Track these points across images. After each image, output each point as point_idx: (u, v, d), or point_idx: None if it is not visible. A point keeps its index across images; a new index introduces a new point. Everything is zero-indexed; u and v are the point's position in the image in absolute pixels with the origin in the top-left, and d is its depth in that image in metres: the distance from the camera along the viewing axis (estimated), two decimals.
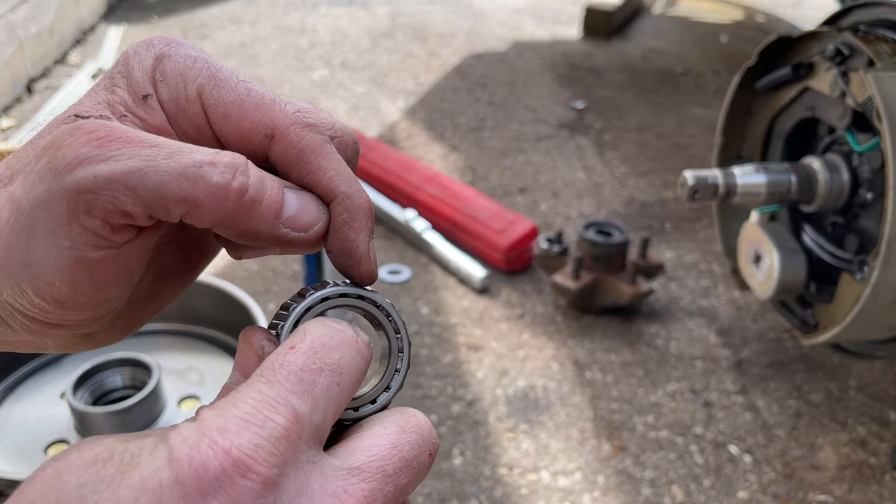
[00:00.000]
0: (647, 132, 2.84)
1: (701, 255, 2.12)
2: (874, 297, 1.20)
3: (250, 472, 0.24)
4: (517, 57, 3.51)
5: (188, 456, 0.24)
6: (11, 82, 2.80)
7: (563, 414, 1.59)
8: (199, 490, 0.23)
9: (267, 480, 0.24)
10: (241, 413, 0.25)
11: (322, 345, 0.28)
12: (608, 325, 1.85)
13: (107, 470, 0.23)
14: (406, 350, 0.34)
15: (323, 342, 0.28)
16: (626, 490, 1.43)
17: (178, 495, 0.23)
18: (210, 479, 0.24)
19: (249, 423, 0.25)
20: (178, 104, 0.32)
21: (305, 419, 0.26)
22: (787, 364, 1.75)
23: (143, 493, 0.23)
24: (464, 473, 1.45)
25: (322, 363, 0.28)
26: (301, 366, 0.27)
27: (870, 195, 1.33)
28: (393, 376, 0.34)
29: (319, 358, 0.28)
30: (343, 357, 0.28)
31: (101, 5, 3.71)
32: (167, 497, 0.23)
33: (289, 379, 0.27)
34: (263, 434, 0.25)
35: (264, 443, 0.25)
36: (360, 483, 0.27)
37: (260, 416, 0.25)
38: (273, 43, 3.54)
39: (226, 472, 0.24)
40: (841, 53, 1.30)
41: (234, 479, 0.24)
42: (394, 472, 0.28)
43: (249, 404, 0.26)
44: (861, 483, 1.47)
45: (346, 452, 0.28)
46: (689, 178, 1.37)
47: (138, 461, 0.24)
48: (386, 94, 3.08)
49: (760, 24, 4.11)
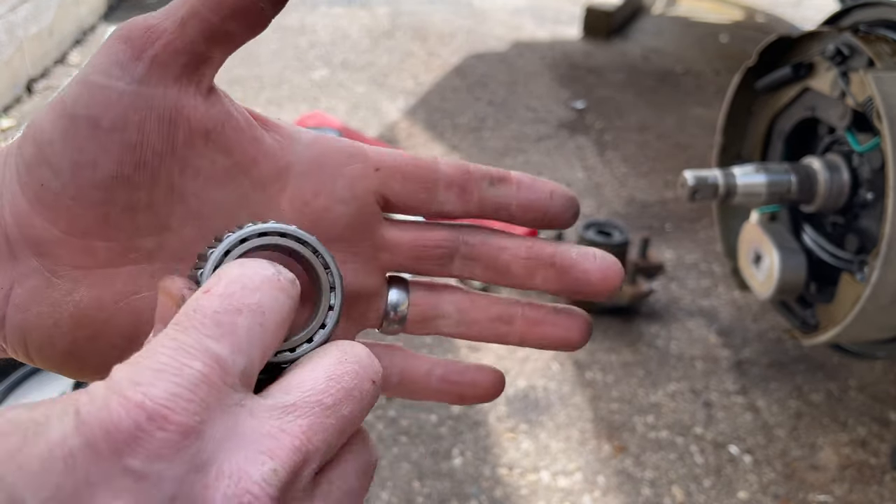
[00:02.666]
0: (648, 132, 2.84)
1: (701, 256, 2.12)
2: (874, 297, 1.20)
3: (167, 423, 0.22)
4: (517, 57, 3.51)
5: (97, 417, 0.22)
6: (11, 82, 2.80)
7: (563, 414, 1.59)
8: (113, 451, 0.21)
9: (186, 429, 0.22)
10: (155, 363, 0.23)
11: (240, 286, 0.26)
12: (608, 326, 1.84)
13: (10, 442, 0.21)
14: (338, 285, 0.32)
15: (241, 283, 0.26)
16: (627, 490, 1.43)
17: (90, 460, 0.21)
18: (124, 438, 0.21)
19: (164, 373, 0.23)
20: None
21: (227, 363, 0.24)
22: (787, 364, 1.75)
23: (52, 463, 0.21)
24: (464, 473, 1.45)
25: (240, 304, 0.25)
26: (217, 308, 0.25)
27: (870, 195, 1.33)
28: (327, 313, 0.32)
29: (237, 299, 0.25)
30: (264, 296, 0.26)
31: (101, 5, 3.71)
32: (79, 464, 0.21)
33: (204, 323, 0.24)
34: (180, 382, 0.23)
35: (181, 391, 0.23)
36: (297, 419, 0.25)
37: (175, 363, 0.23)
38: (273, 43, 3.54)
39: (140, 426, 0.22)
40: (841, 53, 1.30)
41: (151, 433, 0.22)
42: (333, 403, 0.26)
43: (163, 353, 0.23)
44: (861, 483, 1.47)
45: (280, 391, 0.26)
46: (689, 178, 1.37)
47: (45, 429, 0.22)
48: (386, 93, 3.08)
49: (760, 24, 4.11)
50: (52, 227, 0.30)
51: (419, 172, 0.35)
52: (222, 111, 0.31)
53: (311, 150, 0.34)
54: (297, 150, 0.33)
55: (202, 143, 0.31)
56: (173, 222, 0.31)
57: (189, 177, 0.31)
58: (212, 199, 0.32)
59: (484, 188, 0.35)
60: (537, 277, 0.36)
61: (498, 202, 0.35)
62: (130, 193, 0.30)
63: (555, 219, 0.36)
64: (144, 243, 0.31)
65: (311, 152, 0.34)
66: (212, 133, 0.31)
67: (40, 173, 0.29)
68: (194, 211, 0.32)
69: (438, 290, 0.37)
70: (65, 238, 0.30)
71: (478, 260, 0.36)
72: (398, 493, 1.41)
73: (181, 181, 0.31)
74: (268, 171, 0.33)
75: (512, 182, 0.35)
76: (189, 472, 0.22)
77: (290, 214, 0.33)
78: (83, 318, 0.31)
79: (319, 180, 0.33)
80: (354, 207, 0.34)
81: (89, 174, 0.29)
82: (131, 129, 0.29)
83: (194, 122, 0.30)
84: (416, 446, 1.51)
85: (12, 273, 0.31)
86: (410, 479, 1.44)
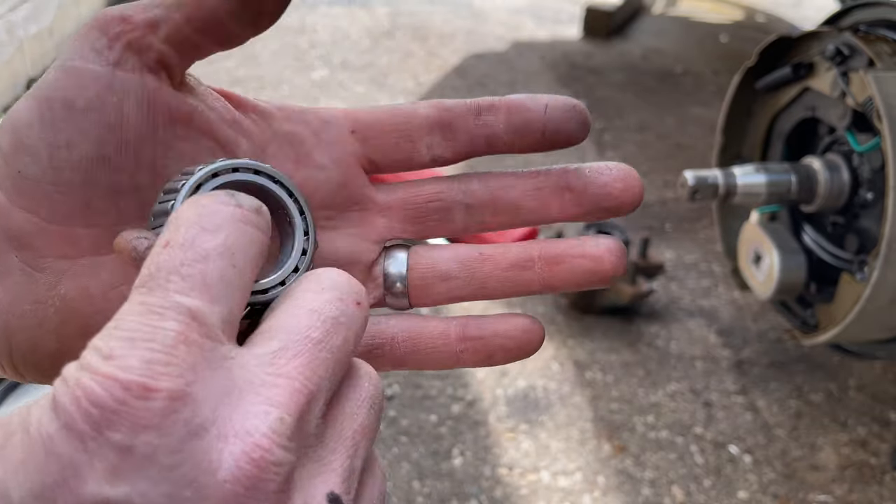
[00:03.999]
0: (647, 132, 2.84)
1: (701, 256, 2.12)
2: (874, 297, 1.20)
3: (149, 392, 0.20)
4: (517, 57, 3.51)
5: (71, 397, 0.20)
6: (11, 82, 2.80)
7: (563, 414, 1.59)
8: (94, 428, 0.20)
9: (173, 394, 0.21)
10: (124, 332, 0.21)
11: (200, 229, 0.23)
12: (608, 326, 1.84)
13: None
14: (311, 229, 0.30)
15: (201, 226, 0.23)
16: (627, 490, 1.43)
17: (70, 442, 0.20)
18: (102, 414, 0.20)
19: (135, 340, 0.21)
20: None
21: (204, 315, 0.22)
22: (787, 364, 1.75)
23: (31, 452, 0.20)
24: (464, 473, 1.45)
25: (205, 250, 0.23)
26: (181, 261, 0.23)
27: (870, 195, 1.33)
28: (300, 257, 0.30)
29: (200, 245, 0.23)
30: (230, 234, 0.24)
31: (101, 5, 3.71)
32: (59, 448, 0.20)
33: (170, 279, 0.22)
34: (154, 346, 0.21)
35: (158, 356, 0.21)
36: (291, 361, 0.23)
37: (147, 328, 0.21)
38: (273, 43, 3.54)
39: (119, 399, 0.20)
40: (841, 53, 1.30)
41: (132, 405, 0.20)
42: (322, 336, 0.24)
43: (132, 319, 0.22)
44: (861, 483, 1.47)
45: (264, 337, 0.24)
46: (689, 178, 1.37)
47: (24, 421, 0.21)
48: (386, 94, 3.08)
49: (760, 24, 4.11)
50: (33, 216, 0.29)
51: (396, 121, 0.33)
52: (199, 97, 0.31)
53: (288, 124, 0.33)
54: (274, 126, 0.33)
55: (183, 127, 0.30)
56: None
57: (172, 159, 0.30)
58: None
59: (470, 122, 0.33)
60: (553, 207, 0.33)
61: (488, 133, 0.32)
62: (112, 176, 0.29)
63: (557, 134, 0.32)
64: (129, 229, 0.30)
65: (288, 126, 0.33)
66: (192, 118, 0.30)
67: (17, 160, 0.29)
68: None
69: (442, 250, 0.34)
70: (46, 227, 0.29)
71: (483, 206, 0.33)
72: (398, 493, 1.41)
73: (164, 163, 0.30)
74: (248, 149, 0.32)
75: (500, 108, 0.32)
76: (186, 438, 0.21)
77: None
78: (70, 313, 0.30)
79: (299, 152, 0.33)
80: (337, 173, 0.33)
81: (66, 155, 0.28)
82: (108, 109, 0.28)
83: (174, 108, 0.30)
84: (416, 446, 1.51)
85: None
86: (410, 479, 1.44)
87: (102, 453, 0.20)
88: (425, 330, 0.33)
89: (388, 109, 0.33)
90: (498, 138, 0.33)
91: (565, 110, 0.32)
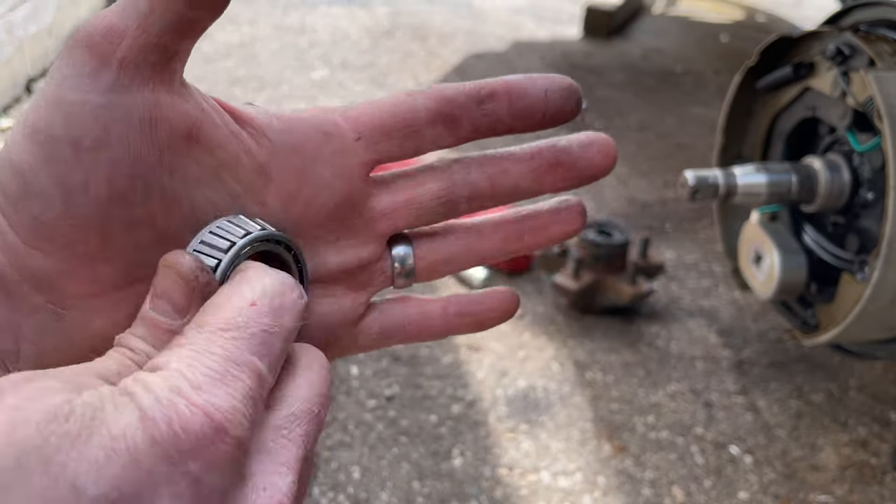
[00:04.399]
0: (648, 132, 2.84)
1: (701, 256, 2.12)
2: (875, 297, 1.20)
3: (227, 435, 0.23)
4: (517, 57, 3.51)
5: (164, 416, 0.22)
6: (11, 82, 2.80)
7: (563, 414, 1.59)
8: (178, 452, 0.22)
9: (240, 443, 0.23)
10: (209, 370, 0.23)
11: (279, 304, 0.27)
12: (608, 326, 1.84)
13: (70, 426, 0.21)
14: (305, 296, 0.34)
15: (280, 302, 0.27)
16: (627, 490, 1.43)
17: (157, 457, 0.21)
18: (190, 442, 0.22)
19: (220, 382, 0.23)
20: None
21: (266, 382, 0.25)
22: (787, 364, 1.75)
23: (116, 454, 0.21)
24: (464, 474, 1.45)
25: (281, 326, 0.26)
26: (264, 327, 0.26)
27: (870, 195, 1.33)
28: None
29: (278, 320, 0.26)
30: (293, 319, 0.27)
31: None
32: (144, 458, 0.21)
33: (254, 339, 0.25)
34: (235, 395, 0.23)
35: (239, 405, 0.23)
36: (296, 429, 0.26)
37: (228, 375, 0.24)
38: (272, 43, 3.53)
39: (206, 434, 0.22)
40: (841, 53, 1.30)
41: (213, 442, 0.22)
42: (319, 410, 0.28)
43: (215, 360, 0.24)
44: (862, 483, 1.46)
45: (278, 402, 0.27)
46: (689, 177, 1.37)
47: (103, 417, 0.21)
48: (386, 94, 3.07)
49: (761, 23, 4.11)
50: (52, 259, 0.28)
51: (400, 120, 0.33)
52: (197, 107, 0.30)
53: (287, 138, 0.32)
54: (272, 140, 0.32)
55: (185, 146, 0.29)
56: (171, 231, 0.30)
57: (179, 181, 0.30)
58: (204, 200, 0.30)
59: (473, 111, 0.33)
60: (547, 184, 0.35)
61: (492, 121, 0.33)
62: (127, 209, 0.29)
63: (556, 116, 0.34)
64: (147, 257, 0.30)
65: (288, 139, 0.32)
66: (193, 133, 0.29)
67: (30, 207, 0.27)
68: (188, 215, 0.30)
69: (444, 235, 0.36)
70: (67, 268, 0.29)
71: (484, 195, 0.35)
72: (398, 494, 1.41)
73: (172, 186, 0.29)
74: (250, 167, 0.31)
75: (501, 95, 0.33)
76: (233, 484, 0.23)
77: (277, 207, 0.32)
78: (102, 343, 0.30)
79: (301, 169, 0.32)
80: (341, 188, 0.33)
81: (82, 198, 0.27)
82: (115, 143, 0.27)
83: (174, 122, 0.29)
84: (416, 446, 1.50)
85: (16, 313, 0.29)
86: (410, 479, 1.44)
87: (176, 478, 0.22)
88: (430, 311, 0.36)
89: (389, 107, 0.33)
90: (501, 123, 0.34)
91: (563, 92, 0.33)
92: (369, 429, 1.54)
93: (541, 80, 0.33)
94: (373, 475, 1.44)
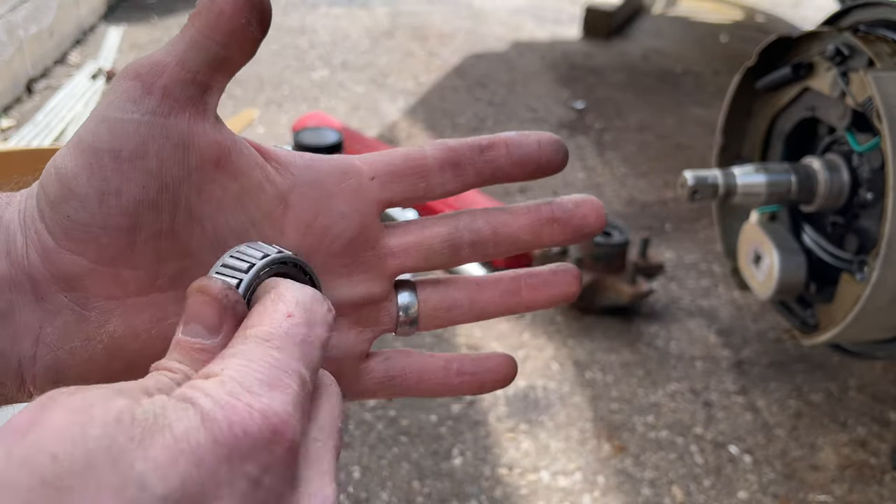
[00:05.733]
0: (647, 132, 2.84)
1: (701, 256, 2.12)
2: (874, 297, 1.20)
3: (283, 439, 0.24)
4: (517, 57, 3.51)
5: (225, 417, 0.23)
6: (11, 82, 2.80)
7: (563, 414, 1.59)
8: (238, 453, 0.22)
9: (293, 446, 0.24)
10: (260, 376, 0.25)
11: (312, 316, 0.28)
12: (608, 326, 1.85)
13: (135, 428, 0.22)
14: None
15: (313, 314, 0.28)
16: (626, 490, 1.43)
17: (219, 457, 0.22)
18: (249, 443, 0.23)
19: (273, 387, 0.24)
20: None
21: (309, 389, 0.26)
22: (787, 364, 1.75)
23: (181, 454, 0.22)
24: (464, 473, 1.45)
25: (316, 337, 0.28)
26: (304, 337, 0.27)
27: (870, 195, 1.33)
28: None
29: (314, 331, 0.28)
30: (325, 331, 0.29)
31: (101, 5, 3.71)
32: (207, 457, 0.22)
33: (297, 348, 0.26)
34: (287, 400, 0.24)
35: (292, 409, 0.24)
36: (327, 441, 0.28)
37: (279, 381, 0.25)
38: (273, 43, 3.54)
39: (265, 436, 0.23)
40: (841, 53, 1.30)
41: (271, 445, 0.23)
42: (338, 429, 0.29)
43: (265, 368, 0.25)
44: (861, 483, 1.47)
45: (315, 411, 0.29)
46: (689, 178, 1.37)
47: (164, 421, 0.22)
48: (386, 94, 3.08)
49: (760, 24, 4.11)
50: (82, 259, 0.31)
51: (411, 167, 0.36)
52: (228, 138, 0.33)
53: (308, 173, 0.35)
54: (294, 174, 0.35)
55: (213, 169, 0.32)
56: (193, 247, 0.33)
57: (204, 201, 0.32)
58: (225, 223, 0.33)
59: (476, 159, 0.37)
60: (544, 237, 0.38)
61: (493, 168, 0.37)
62: (155, 219, 0.31)
63: (548, 166, 0.37)
64: (168, 269, 0.32)
65: (308, 175, 0.35)
66: (221, 160, 0.32)
67: (67, 207, 0.30)
68: (210, 236, 0.33)
69: (446, 284, 0.38)
70: (94, 269, 0.31)
71: (486, 242, 0.38)
72: (398, 493, 1.41)
73: (198, 205, 0.32)
74: (272, 195, 0.34)
75: (500, 145, 0.37)
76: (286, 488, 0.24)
77: (294, 236, 0.34)
78: (118, 350, 0.32)
79: (319, 201, 0.35)
80: (355, 222, 0.36)
81: (115, 202, 0.30)
82: (150, 156, 0.30)
83: (205, 149, 0.32)
84: (416, 446, 1.51)
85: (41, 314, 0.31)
86: (410, 479, 1.44)
87: (237, 479, 0.22)
88: (431, 367, 0.39)
89: (402, 155, 0.36)
90: (501, 170, 0.37)
91: (553, 145, 0.37)
92: (369, 428, 1.54)
93: (532, 134, 0.37)
94: (373, 475, 1.44)
